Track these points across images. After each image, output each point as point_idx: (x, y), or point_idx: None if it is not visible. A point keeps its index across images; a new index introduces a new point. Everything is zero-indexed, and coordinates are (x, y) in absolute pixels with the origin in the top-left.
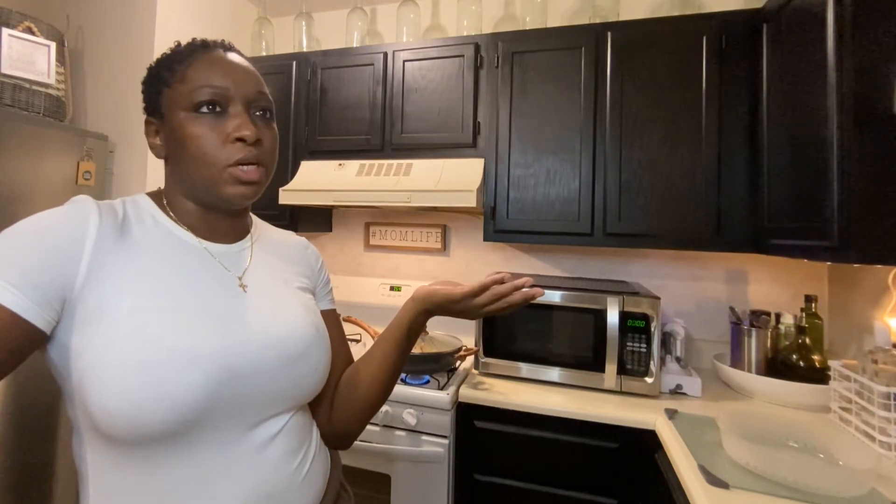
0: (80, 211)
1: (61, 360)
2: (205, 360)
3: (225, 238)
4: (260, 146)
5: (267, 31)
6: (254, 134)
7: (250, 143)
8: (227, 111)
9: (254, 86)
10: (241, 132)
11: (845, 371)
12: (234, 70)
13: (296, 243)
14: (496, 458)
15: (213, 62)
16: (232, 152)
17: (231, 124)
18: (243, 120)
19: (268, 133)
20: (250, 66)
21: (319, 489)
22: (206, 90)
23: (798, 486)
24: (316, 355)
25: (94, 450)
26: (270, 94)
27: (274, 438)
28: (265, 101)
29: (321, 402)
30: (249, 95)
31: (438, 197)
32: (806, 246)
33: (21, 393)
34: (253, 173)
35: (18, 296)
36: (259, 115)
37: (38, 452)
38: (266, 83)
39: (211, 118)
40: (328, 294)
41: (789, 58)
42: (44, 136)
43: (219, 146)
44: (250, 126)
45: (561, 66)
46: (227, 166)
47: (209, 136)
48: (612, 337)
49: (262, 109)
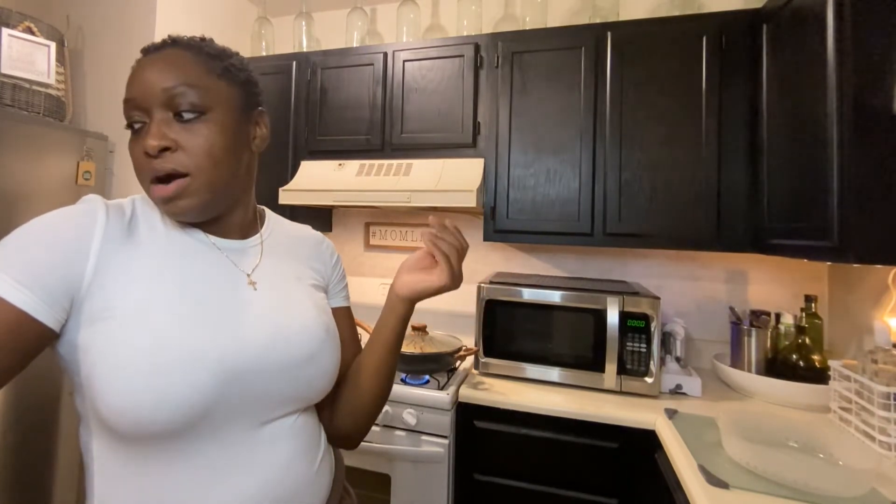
0: (87, 210)
1: (70, 357)
2: (211, 360)
3: (234, 234)
4: (171, 154)
5: (267, 31)
6: (154, 145)
7: (152, 154)
8: (148, 124)
9: (164, 82)
10: (146, 146)
11: (845, 371)
12: (144, 76)
13: (310, 238)
14: (496, 458)
15: (132, 72)
16: (147, 169)
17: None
18: (148, 130)
19: (190, 136)
20: (168, 63)
21: (326, 490)
22: (125, 106)
23: (798, 486)
24: (325, 357)
25: (101, 443)
26: (271, 93)
27: (281, 438)
28: (181, 99)
29: (324, 403)
30: (159, 98)
31: (438, 197)
32: (806, 246)
33: (21, 392)
34: (166, 190)
35: (28, 294)
36: (179, 117)
37: (39, 452)
38: (266, 83)
39: (136, 136)
40: (342, 291)
41: (789, 58)
42: (44, 136)
43: (142, 165)
44: (152, 135)
45: (561, 66)
46: (150, 185)
47: (135, 153)
48: (612, 337)
49: (185, 109)
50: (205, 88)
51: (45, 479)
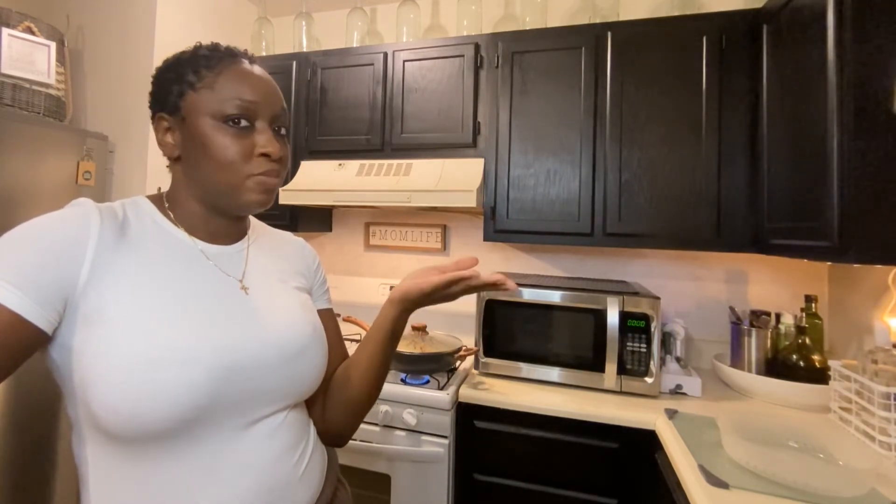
0: (81, 213)
1: (63, 361)
2: (203, 360)
3: (224, 240)
4: (280, 162)
5: (267, 31)
6: (278, 151)
7: (275, 159)
8: (254, 125)
9: (279, 103)
10: (267, 149)
11: (845, 371)
12: (262, 86)
13: (293, 243)
14: (496, 458)
15: (243, 75)
16: (254, 166)
17: (258, 139)
18: (269, 137)
19: (285, 150)
20: (273, 82)
21: (318, 483)
22: (236, 103)
23: (798, 486)
24: (313, 353)
25: (95, 448)
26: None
27: (272, 434)
28: (285, 119)
29: (315, 401)
30: (275, 112)
31: (438, 197)
32: (806, 246)
33: (21, 393)
34: (274, 184)
35: (20, 296)
36: (280, 132)
37: (39, 453)
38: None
39: (237, 130)
40: (325, 294)
41: (789, 58)
42: (44, 136)
43: (243, 158)
44: (275, 143)
45: (561, 66)
46: (249, 176)
47: (234, 147)
48: (612, 337)
49: (282, 126)
50: (288, 115)
51: (45, 480)
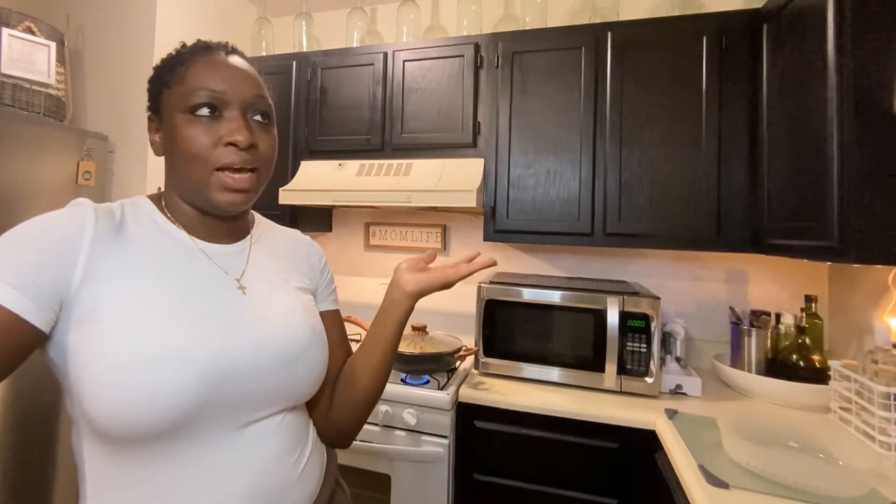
0: (77, 213)
1: (59, 359)
2: (197, 361)
3: (224, 238)
4: (254, 151)
5: (267, 31)
6: (247, 139)
7: (243, 147)
8: (223, 115)
9: (252, 89)
10: (233, 136)
11: (845, 371)
12: (232, 73)
13: (298, 242)
14: (496, 458)
15: (212, 65)
16: (222, 155)
17: (225, 128)
18: (237, 124)
19: (265, 138)
20: (251, 70)
21: (316, 485)
22: (202, 93)
23: (798, 486)
24: (311, 357)
25: (92, 446)
26: (270, 94)
27: (269, 436)
28: (263, 105)
29: (319, 402)
30: (246, 99)
31: (438, 197)
32: (806, 246)
33: (21, 393)
34: (244, 181)
35: (17, 296)
36: (257, 120)
37: (38, 452)
38: (266, 83)
39: (206, 121)
40: (331, 294)
41: (789, 57)
42: (44, 136)
43: (209, 148)
44: (244, 131)
45: (561, 66)
46: (215, 169)
47: (201, 137)
48: (612, 337)
49: (259, 113)
50: (269, 102)
51: (45, 480)
